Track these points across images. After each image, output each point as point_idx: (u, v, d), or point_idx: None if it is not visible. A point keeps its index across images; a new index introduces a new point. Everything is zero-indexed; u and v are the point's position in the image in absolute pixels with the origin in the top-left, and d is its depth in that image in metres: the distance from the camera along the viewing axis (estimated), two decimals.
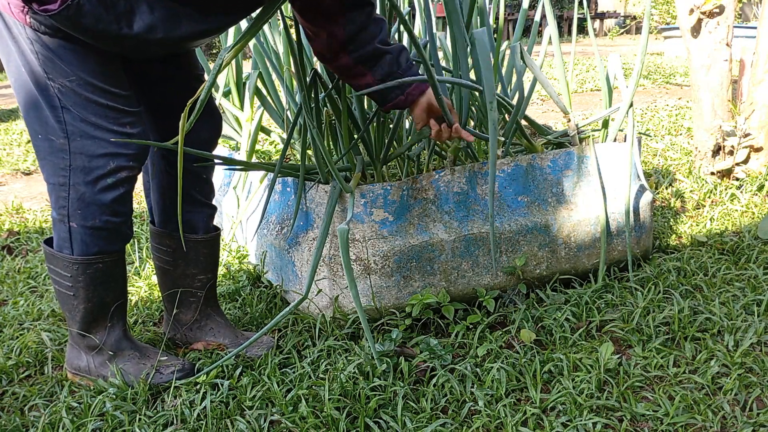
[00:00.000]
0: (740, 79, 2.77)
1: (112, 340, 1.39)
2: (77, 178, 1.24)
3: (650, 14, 1.66)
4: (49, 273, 1.35)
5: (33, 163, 3.85)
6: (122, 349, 1.40)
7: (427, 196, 1.57)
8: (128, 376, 1.37)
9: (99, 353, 1.38)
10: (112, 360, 1.39)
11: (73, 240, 1.29)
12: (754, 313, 1.51)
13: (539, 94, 5.91)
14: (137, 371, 1.37)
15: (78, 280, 1.31)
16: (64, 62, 1.18)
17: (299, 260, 1.57)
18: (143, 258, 2.12)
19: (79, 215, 1.26)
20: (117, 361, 1.39)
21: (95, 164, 1.24)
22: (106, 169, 1.24)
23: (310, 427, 1.19)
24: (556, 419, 1.19)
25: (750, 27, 7.49)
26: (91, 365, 1.39)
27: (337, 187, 1.49)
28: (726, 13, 2.49)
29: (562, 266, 1.72)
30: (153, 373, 1.37)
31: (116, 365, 1.38)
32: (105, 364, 1.38)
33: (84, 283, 1.32)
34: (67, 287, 1.32)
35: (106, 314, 1.37)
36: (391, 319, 1.54)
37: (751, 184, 2.47)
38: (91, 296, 1.33)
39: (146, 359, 1.40)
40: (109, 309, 1.37)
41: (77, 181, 1.24)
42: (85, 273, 1.31)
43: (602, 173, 1.75)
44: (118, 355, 1.39)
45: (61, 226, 1.28)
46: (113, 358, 1.39)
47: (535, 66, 1.67)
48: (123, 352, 1.40)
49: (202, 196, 1.49)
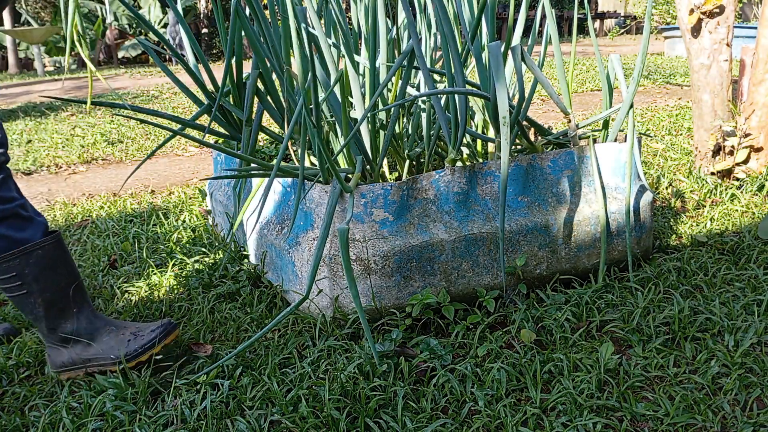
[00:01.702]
0: (740, 79, 2.77)
1: (83, 324, 1.39)
2: None
3: (650, 14, 1.66)
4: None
5: (33, 163, 3.85)
6: (97, 329, 1.40)
7: (428, 196, 1.57)
8: (114, 350, 1.37)
9: (77, 342, 1.38)
10: (91, 344, 1.39)
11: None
12: (755, 313, 1.51)
13: (539, 94, 5.91)
14: (120, 342, 1.37)
15: (25, 274, 1.31)
16: None
17: (299, 260, 1.57)
18: (143, 258, 2.12)
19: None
20: (96, 342, 1.39)
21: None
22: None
23: (310, 427, 1.19)
24: (557, 419, 1.19)
25: (750, 27, 7.50)
26: (74, 356, 1.39)
27: (337, 187, 1.49)
28: (726, 13, 2.49)
29: (563, 266, 1.72)
30: (134, 339, 1.37)
31: (98, 345, 1.38)
32: (86, 348, 1.39)
33: (32, 275, 1.31)
34: (17, 288, 1.31)
35: (68, 300, 1.37)
36: (391, 319, 1.54)
37: (752, 184, 2.47)
38: (46, 287, 1.33)
39: (124, 329, 1.40)
40: (68, 294, 1.37)
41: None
42: (28, 264, 1.30)
43: (602, 173, 1.75)
44: (95, 335, 1.40)
45: None
46: (93, 340, 1.39)
47: (536, 66, 1.67)
48: (99, 331, 1.40)
49: None
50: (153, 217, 2.56)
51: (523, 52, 1.64)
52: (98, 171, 3.72)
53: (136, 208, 2.77)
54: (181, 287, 1.87)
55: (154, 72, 9.70)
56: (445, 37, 1.56)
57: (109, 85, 6.03)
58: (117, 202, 2.88)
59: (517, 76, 1.61)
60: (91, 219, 2.63)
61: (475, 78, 2.65)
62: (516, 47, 1.61)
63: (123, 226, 2.48)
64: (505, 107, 1.41)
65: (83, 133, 4.79)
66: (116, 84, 8.16)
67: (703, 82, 2.59)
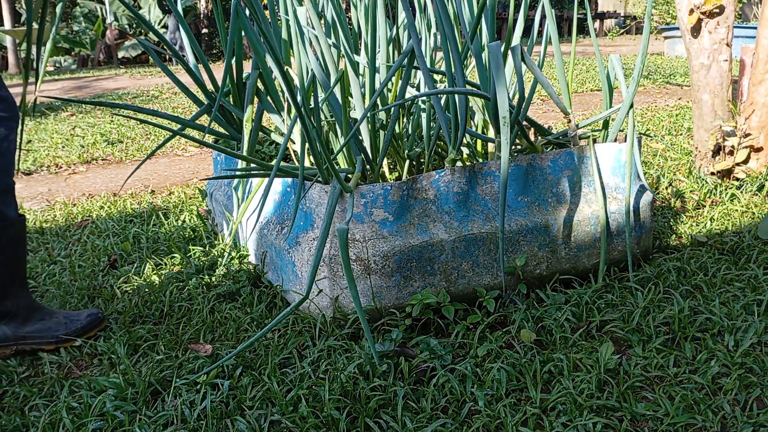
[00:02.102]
0: (740, 79, 2.77)
1: (23, 304, 1.48)
2: None
3: (650, 14, 1.67)
4: None
5: (33, 163, 3.85)
6: (33, 311, 1.50)
7: (428, 196, 1.57)
8: (52, 331, 1.48)
9: (12, 320, 1.47)
10: (25, 323, 1.48)
11: None
12: (755, 313, 1.51)
13: (539, 94, 5.91)
14: (57, 324, 1.49)
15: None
16: None
17: (299, 260, 1.57)
18: (143, 258, 2.12)
19: None
20: (30, 323, 1.48)
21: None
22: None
23: (310, 427, 1.19)
24: (557, 419, 1.19)
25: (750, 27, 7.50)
26: (7, 333, 1.47)
27: (337, 187, 1.49)
28: (726, 14, 2.49)
29: (562, 266, 1.72)
30: (65, 323, 1.50)
31: (35, 325, 1.48)
32: (20, 328, 1.47)
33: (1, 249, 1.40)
34: None
35: (15, 280, 1.46)
36: (391, 319, 1.54)
37: (752, 184, 2.47)
38: (5, 261, 1.42)
39: (56, 314, 1.53)
40: (18, 275, 1.46)
41: None
42: (0, 238, 1.40)
43: (602, 173, 1.75)
44: (30, 317, 1.49)
45: None
46: (26, 321, 1.48)
47: (536, 66, 1.67)
48: (33, 315, 1.50)
49: None
50: (153, 217, 2.56)
51: (523, 52, 1.64)
52: (98, 171, 3.72)
53: (136, 208, 2.77)
54: (181, 287, 1.87)
55: (154, 72, 9.70)
56: (445, 37, 1.56)
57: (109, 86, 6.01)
58: (117, 202, 2.88)
59: (517, 76, 1.61)
60: (91, 219, 2.63)
61: (475, 78, 2.65)
62: (516, 47, 1.61)
63: (123, 226, 2.48)
64: (506, 107, 1.41)
65: (83, 133, 4.79)
66: (116, 84, 8.16)
67: (703, 82, 2.59)
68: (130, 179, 3.46)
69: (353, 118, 1.89)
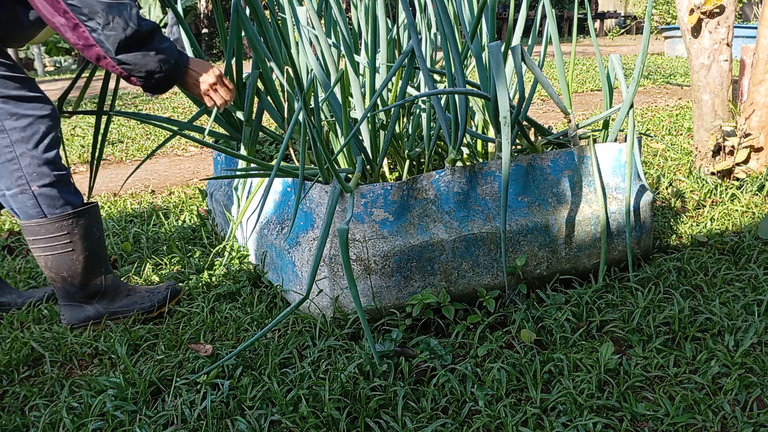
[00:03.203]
0: (740, 79, 2.77)
1: (109, 281, 1.61)
2: (21, 148, 1.44)
3: (650, 14, 1.67)
4: (36, 245, 1.51)
5: None
6: (118, 287, 1.63)
7: (428, 196, 1.57)
8: (136, 304, 1.63)
9: (102, 298, 1.60)
10: (114, 300, 1.62)
11: (41, 203, 1.48)
12: (755, 313, 1.51)
13: (540, 94, 5.91)
14: (141, 298, 1.64)
15: (74, 233, 1.51)
16: None
17: (299, 260, 1.57)
18: (143, 258, 2.12)
19: (36, 177, 1.46)
20: (119, 299, 1.63)
21: (30, 131, 1.45)
22: (40, 132, 1.46)
23: (310, 427, 1.19)
24: (557, 419, 1.19)
25: (750, 27, 7.50)
26: (99, 310, 1.60)
27: (338, 187, 1.49)
28: (726, 14, 2.49)
29: (563, 266, 1.72)
30: (149, 296, 1.66)
31: (121, 301, 1.62)
32: (110, 304, 1.61)
33: (79, 234, 1.52)
34: (64, 245, 1.51)
35: (100, 261, 1.59)
36: (392, 319, 1.54)
37: (752, 184, 2.47)
38: (88, 245, 1.54)
39: (138, 290, 1.67)
40: (101, 256, 1.59)
41: (23, 150, 1.44)
42: (78, 225, 1.51)
43: (602, 173, 1.75)
44: (117, 295, 1.63)
45: (24, 197, 1.46)
46: (114, 299, 1.62)
47: (536, 66, 1.67)
48: (119, 291, 1.63)
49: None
50: (153, 217, 2.56)
51: (523, 52, 1.64)
52: (98, 171, 3.72)
53: (136, 208, 2.77)
54: (181, 287, 1.87)
55: None
56: (445, 37, 1.56)
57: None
58: (117, 202, 2.88)
59: (518, 76, 1.61)
60: None
61: (475, 78, 2.65)
62: (516, 47, 1.61)
63: (123, 226, 2.48)
64: (506, 107, 1.41)
65: (83, 133, 4.79)
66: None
67: (703, 82, 2.59)
68: (130, 179, 3.46)
69: (353, 118, 1.89)
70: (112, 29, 1.32)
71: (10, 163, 1.45)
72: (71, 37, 1.33)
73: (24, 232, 1.52)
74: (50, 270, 1.55)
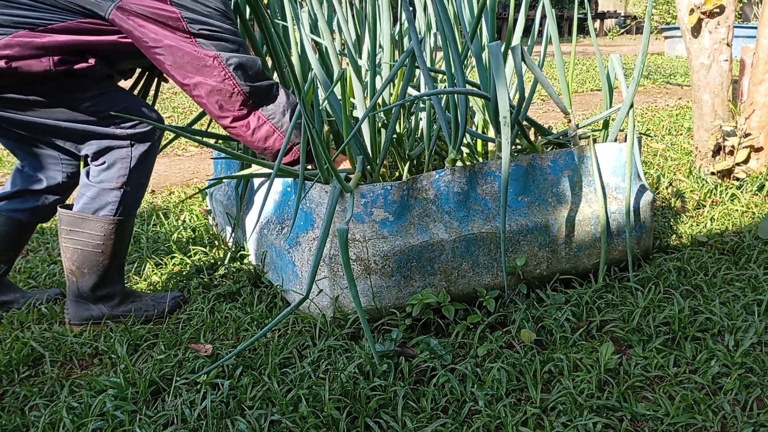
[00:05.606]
0: (740, 79, 2.77)
1: (119, 287, 1.66)
2: (138, 150, 1.54)
3: (650, 14, 1.67)
4: (70, 237, 1.56)
5: None
6: (126, 294, 1.68)
7: (428, 196, 1.57)
8: (140, 311, 1.66)
9: (109, 300, 1.64)
10: (120, 305, 1.65)
11: (122, 203, 1.55)
12: (755, 313, 1.51)
13: (540, 94, 5.91)
14: (146, 305, 1.67)
15: (110, 238, 1.56)
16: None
17: (299, 260, 1.57)
18: (143, 258, 2.12)
19: (135, 180, 1.55)
20: (124, 305, 1.66)
21: (150, 135, 1.56)
22: (154, 137, 1.57)
23: (310, 427, 1.19)
24: (557, 419, 1.19)
25: (750, 27, 7.50)
26: (103, 311, 1.63)
27: (338, 187, 1.49)
28: (726, 13, 2.49)
29: (563, 266, 1.72)
30: (153, 305, 1.69)
31: (126, 306, 1.66)
32: (115, 307, 1.65)
33: (114, 240, 1.57)
34: (95, 246, 1.56)
35: (118, 270, 1.65)
36: (392, 319, 1.54)
37: (752, 184, 2.47)
38: (116, 252, 1.60)
39: (145, 297, 1.71)
40: (121, 265, 1.65)
41: (139, 152, 1.54)
42: (116, 232, 1.56)
43: (602, 173, 1.75)
44: (125, 300, 1.66)
45: (113, 193, 1.53)
46: (121, 304, 1.65)
47: (536, 66, 1.67)
48: (127, 298, 1.67)
49: None
50: (153, 217, 2.56)
51: (523, 52, 1.64)
52: None
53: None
54: (182, 287, 1.87)
55: None
56: (445, 37, 1.56)
57: None
58: None
59: (518, 76, 1.61)
60: None
61: (475, 78, 2.65)
62: (516, 47, 1.61)
63: None
64: (506, 107, 1.41)
65: None
66: None
67: (703, 82, 2.59)
68: None
69: (354, 118, 1.89)
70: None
71: (123, 161, 1.53)
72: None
73: (61, 220, 1.55)
74: (73, 263, 1.58)
